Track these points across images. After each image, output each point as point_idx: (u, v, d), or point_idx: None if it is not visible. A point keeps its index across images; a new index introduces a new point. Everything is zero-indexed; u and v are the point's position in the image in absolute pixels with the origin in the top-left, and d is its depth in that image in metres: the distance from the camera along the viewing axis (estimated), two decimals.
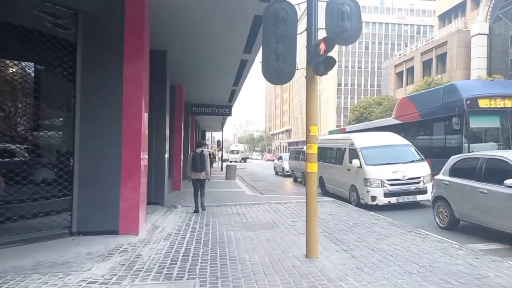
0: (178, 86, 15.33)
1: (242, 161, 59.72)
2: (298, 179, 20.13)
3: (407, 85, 41.83)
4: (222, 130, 33.88)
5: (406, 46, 57.18)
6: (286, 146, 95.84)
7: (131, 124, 6.64)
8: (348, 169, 11.16)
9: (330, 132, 21.45)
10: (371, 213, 8.75)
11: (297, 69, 5.45)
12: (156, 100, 10.26)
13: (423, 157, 10.62)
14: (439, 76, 33.43)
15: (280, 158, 26.90)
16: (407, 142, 11.24)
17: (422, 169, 10.14)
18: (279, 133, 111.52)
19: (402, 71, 43.53)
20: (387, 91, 46.42)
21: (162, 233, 6.76)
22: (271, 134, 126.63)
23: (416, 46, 44.72)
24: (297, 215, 8.53)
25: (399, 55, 47.23)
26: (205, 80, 14.61)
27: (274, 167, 28.46)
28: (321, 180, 14.07)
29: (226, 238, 6.32)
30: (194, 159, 8.99)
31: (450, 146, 11.26)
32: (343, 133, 17.85)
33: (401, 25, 73.93)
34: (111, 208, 6.54)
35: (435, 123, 12.18)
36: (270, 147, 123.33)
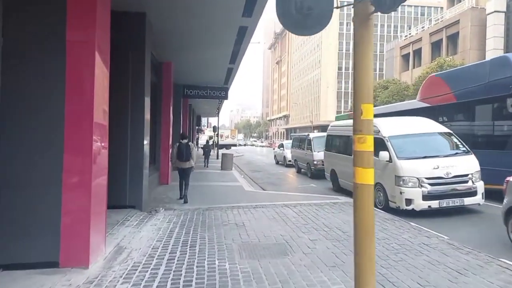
0: (166, 64, 13.09)
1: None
2: (302, 170, 18.02)
3: (413, 68, 39.47)
4: (218, 116, 31.63)
5: (409, 28, 54.58)
6: (283, 132, 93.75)
7: (79, 102, 4.61)
8: None
9: (338, 118, 19.22)
10: (412, 224, 6.63)
11: (337, 7, 3.24)
12: (132, 75, 8.11)
13: (468, 149, 8.45)
14: (451, 57, 31.05)
15: (281, 146, 24.68)
16: (447, 130, 9.02)
17: (470, 164, 7.98)
18: (277, 119, 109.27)
19: (409, 53, 41.06)
20: (391, 74, 44.03)
21: (126, 263, 4.62)
22: (268, 120, 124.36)
23: (422, 27, 42.21)
24: (315, 227, 6.40)
25: (405, 36, 44.65)
26: (198, 56, 12.28)
27: (275, 155, 26.30)
28: (333, 174, 11.96)
29: (217, 275, 4.17)
30: (179, 149, 9.10)
31: (501, 135, 9.10)
32: None
33: (404, 6, 70.80)
34: (48, 227, 4.44)
35: (478, 105, 9.94)
36: (267, 133, 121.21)
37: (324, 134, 15.10)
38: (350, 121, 13.16)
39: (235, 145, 59.30)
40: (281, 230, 6.25)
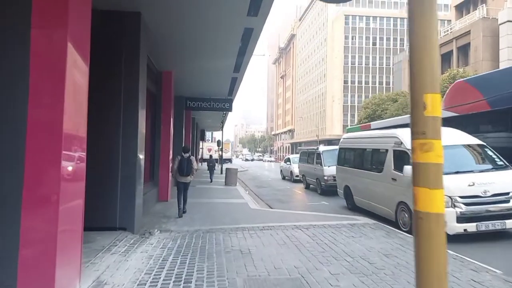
0: (166, 73, 12.30)
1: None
2: (311, 186, 16.96)
3: None
4: (222, 129, 30.75)
5: None
6: (288, 146, 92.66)
7: (45, 108, 3.78)
8: (394, 179, 8.00)
9: (349, 130, 18.16)
10: (450, 252, 5.55)
11: None
12: (124, 80, 7.27)
13: (507, 163, 7.41)
14: (463, 68, 30.11)
15: (288, 160, 23.61)
16: (480, 142, 7.99)
17: (511, 180, 6.95)
18: (282, 133, 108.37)
19: None
20: (400, 86, 43.18)
21: None
22: (273, 135, 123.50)
23: None
24: (334, 256, 5.38)
25: None
26: (200, 64, 11.49)
27: (281, 170, 25.25)
28: (347, 190, 10.93)
29: None
30: (181, 164, 8.97)
31: None
32: (375, 130, 14.38)
33: None
34: (1, 261, 3.51)
35: None
36: (272, 148, 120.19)
37: (335, 147, 14.11)
38: (366, 133, 12.22)
39: (229, 160, 53.03)
40: (295, 259, 5.24)
